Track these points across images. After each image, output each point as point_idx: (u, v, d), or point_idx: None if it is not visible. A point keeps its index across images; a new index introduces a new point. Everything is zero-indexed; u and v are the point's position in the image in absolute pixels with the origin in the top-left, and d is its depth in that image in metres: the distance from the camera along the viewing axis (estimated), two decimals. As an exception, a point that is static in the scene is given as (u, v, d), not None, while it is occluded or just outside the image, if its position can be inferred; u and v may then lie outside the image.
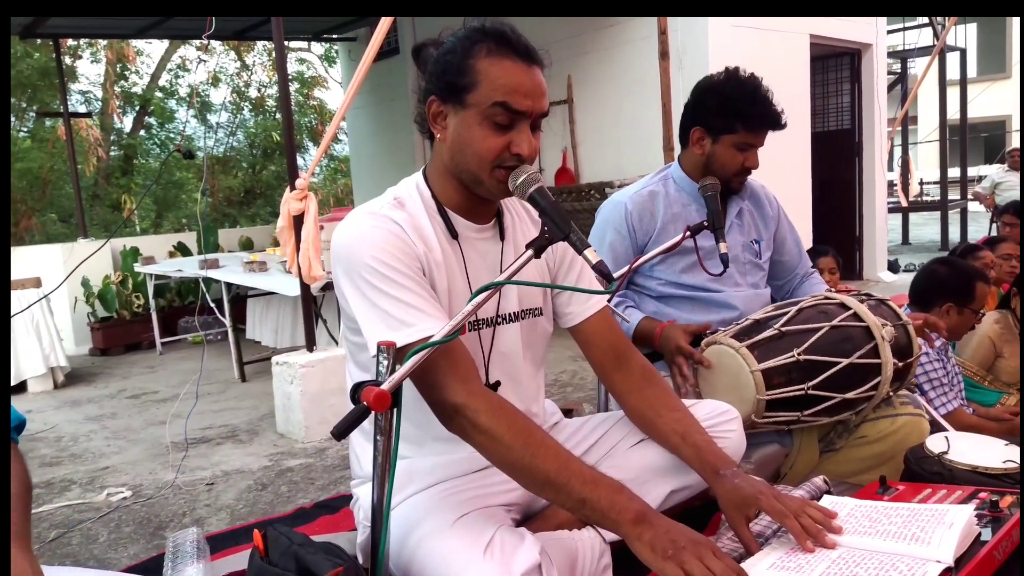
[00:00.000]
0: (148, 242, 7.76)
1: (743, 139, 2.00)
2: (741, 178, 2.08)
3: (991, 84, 16.09)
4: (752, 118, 1.98)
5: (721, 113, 2.01)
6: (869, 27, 7.12)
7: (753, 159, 2.04)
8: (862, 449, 1.93)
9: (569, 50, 6.34)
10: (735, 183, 2.08)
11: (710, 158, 2.06)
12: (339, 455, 3.33)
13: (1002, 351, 2.82)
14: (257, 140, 16.64)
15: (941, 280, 2.54)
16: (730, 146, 2.02)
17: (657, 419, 1.51)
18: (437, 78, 1.34)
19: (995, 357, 2.83)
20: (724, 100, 2.01)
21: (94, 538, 2.64)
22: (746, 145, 2.02)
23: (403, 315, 1.26)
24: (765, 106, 1.98)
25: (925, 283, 2.57)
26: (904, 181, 8.65)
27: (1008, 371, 2.81)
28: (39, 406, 4.82)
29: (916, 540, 1.23)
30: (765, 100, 1.98)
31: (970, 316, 2.50)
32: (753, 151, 2.04)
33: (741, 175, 2.07)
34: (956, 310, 2.48)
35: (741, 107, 1.98)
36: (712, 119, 2.03)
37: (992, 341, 2.82)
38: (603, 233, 2.14)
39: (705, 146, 2.06)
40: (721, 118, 2.01)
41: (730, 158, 2.03)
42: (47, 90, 12.90)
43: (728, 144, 2.02)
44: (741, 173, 2.06)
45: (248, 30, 7.76)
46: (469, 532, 1.26)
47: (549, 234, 1.24)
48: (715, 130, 2.03)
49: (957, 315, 2.49)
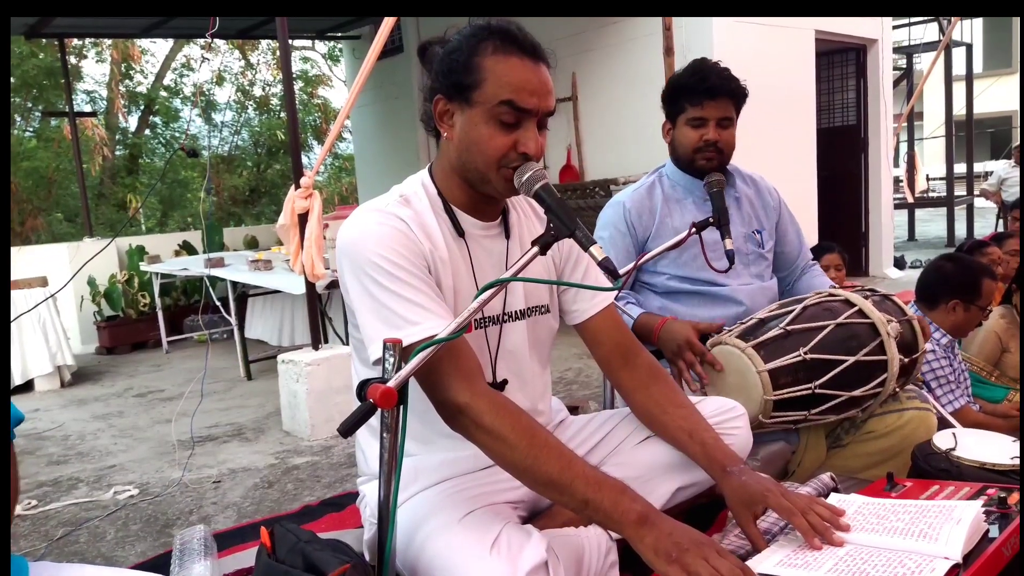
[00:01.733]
0: (154, 241, 7.78)
1: (692, 113, 2.06)
2: (705, 155, 2.07)
3: (997, 79, 16.02)
4: (692, 91, 2.04)
5: (670, 98, 2.11)
6: (874, 23, 7.09)
7: (711, 133, 2.05)
8: (869, 444, 1.92)
9: (573, 47, 6.32)
10: (699, 161, 2.08)
11: (674, 144, 2.14)
12: (345, 453, 3.34)
13: (1008, 346, 2.81)
14: (262, 139, 16.67)
15: (947, 277, 2.52)
16: (684, 125, 2.09)
17: (663, 416, 1.51)
18: (443, 77, 1.33)
19: (1001, 352, 2.82)
20: (671, 85, 2.12)
21: (101, 536, 2.65)
22: (698, 120, 2.05)
23: (408, 313, 1.26)
24: (703, 76, 2.03)
25: (932, 280, 2.56)
26: (910, 177, 8.63)
27: (1014, 366, 2.80)
28: (46, 405, 4.84)
29: (924, 537, 1.23)
30: (705, 71, 2.03)
31: (976, 313, 2.49)
32: (709, 124, 2.05)
33: (703, 151, 2.07)
34: (963, 307, 2.47)
35: (683, 84, 2.06)
36: (668, 106, 2.13)
37: (998, 336, 2.81)
38: (604, 233, 2.17)
39: (671, 135, 2.14)
40: (670, 103, 2.11)
41: (685, 136, 2.09)
42: (52, 90, 12.94)
43: (682, 124, 2.09)
44: (702, 149, 2.07)
45: (252, 29, 7.77)
46: (476, 529, 1.26)
47: (555, 231, 1.23)
48: (671, 115, 2.12)
49: (964, 312, 2.48)
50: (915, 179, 8.82)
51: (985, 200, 9.89)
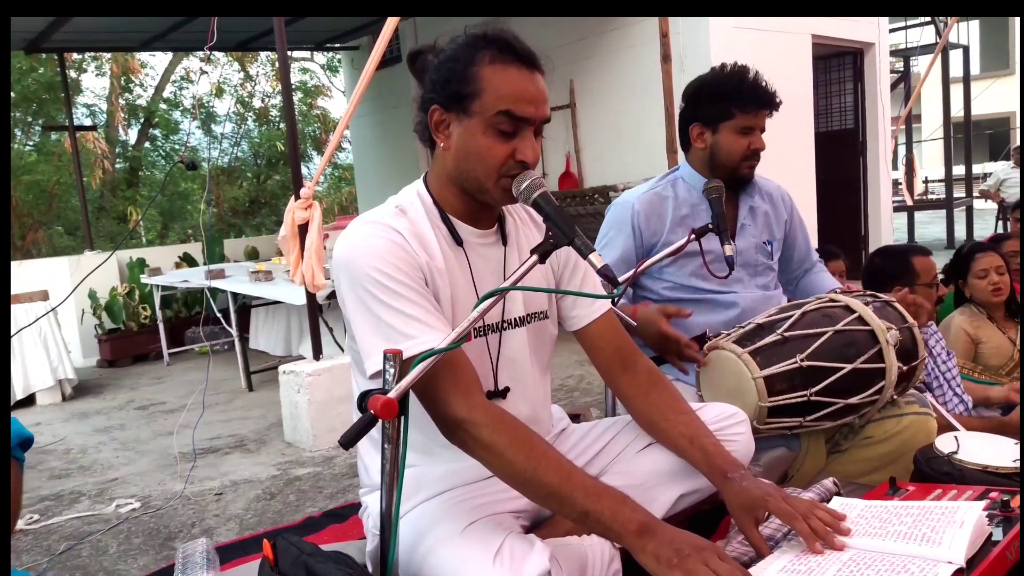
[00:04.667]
0: (154, 253, 7.80)
1: (741, 122, 2.01)
2: (751, 163, 2.06)
3: (994, 81, 16.07)
4: (745, 98, 2.00)
5: (714, 101, 2.03)
6: (871, 26, 7.11)
7: (758, 140, 2.04)
8: (869, 449, 1.92)
9: (571, 55, 6.35)
10: (744, 169, 2.06)
11: (713, 149, 2.06)
12: (347, 463, 3.34)
13: (979, 337, 2.83)
14: (261, 150, 16.71)
15: (880, 270, 2.57)
16: (730, 132, 2.02)
17: (664, 423, 1.50)
18: (440, 86, 1.33)
19: (976, 345, 2.83)
20: (715, 89, 2.04)
21: (104, 550, 2.64)
22: (747, 128, 2.02)
23: (405, 327, 1.26)
24: (756, 86, 2.00)
25: (868, 278, 2.60)
26: (909, 179, 8.63)
27: (994, 352, 2.81)
28: (48, 418, 4.84)
29: (927, 541, 1.22)
30: (755, 81, 2.00)
31: (924, 291, 2.49)
32: (756, 133, 2.03)
33: (750, 159, 2.05)
34: (908, 291, 2.51)
35: (732, 90, 2.00)
36: (707, 110, 2.05)
37: (966, 332, 2.83)
38: (609, 233, 2.14)
39: (706, 139, 2.06)
40: (715, 106, 2.03)
41: (733, 143, 2.03)
42: (52, 104, 12.98)
43: (728, 130, 2.03)
44: (749, 157, 2.05)
45: (251, 41, 7.81)
46: (479, 540, 1.26)
47: (554, 239, 1.24)
48: (712, 120, 2.04)
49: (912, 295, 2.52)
50: (914, 181, 8.82)
51: (984, 201, 9.90)
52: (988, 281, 2.80)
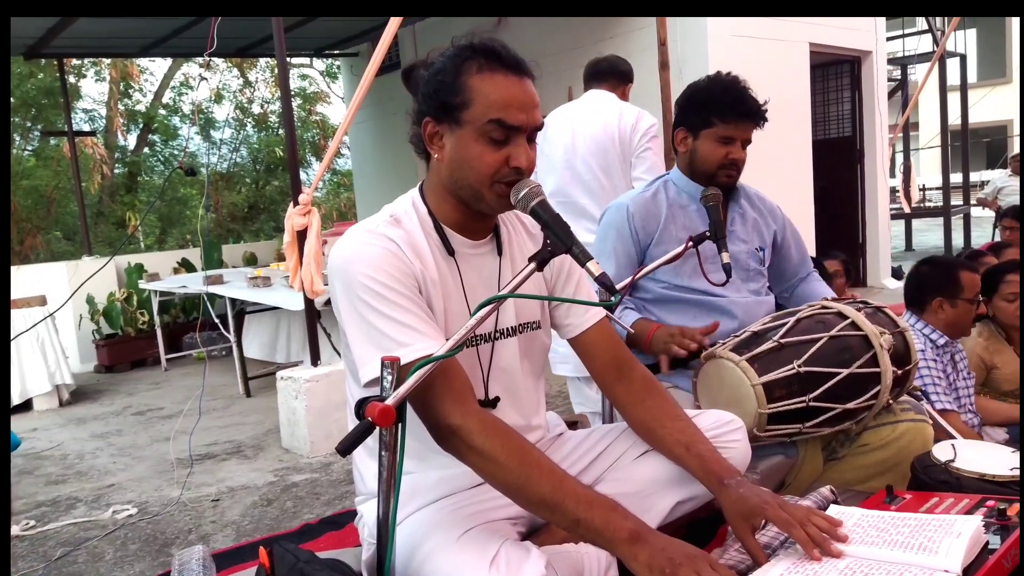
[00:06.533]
0: (152, 259, 7.80)
1: (721, 131, 2.04)
2: (728, 172, 2.08)
3: (992, 89, 16.09)
4: (726, 109, 2.02)
5: (697, 109, 2.07)
6: (868, 34, 7.14)
7: (737, 151, 2.06)
8: (865, 457, 1.92)
9: (569, 61, 6.32)
10: (721, 177, 2.08)
11: (693, 155, 2.10)
12: (344, 470, 3.33)
13: (993, 363, 2.78)
14: (260, 156, 16.72)
15: (926, 278, 2.57)
16: (710, 140, 2.06)
17: (660, 430, 1.51)
18: (430, 99, 1.35)
19: (988, 370, 2.79)
20: (701, 97, 2.07)
21: (100, 556, 2.64)
22: (726, 138, 2.04)
23: (399, 335, 1.26)
24: (740, 97, 2.02)
25: (913, 285, 2.62)
26: (906, 187, 8.64)
27: (1005, 379, 2.78)
28: (45, 424, 4.83)
29: (924, 550, 1.23)
30: (740, 92, 2.02)
31: (965, 306, 2.49)
32: (736, 144, 2.05)
33: (727, 168, 2.08)
34: (948, 304, 2.50)
35: (715, 100, 2.04)
36: (691, 116, 2.09)
37: (980, 357, 2.78)
38: (606, 236, 2.17)
39: (688, 144, 2.11)
40: (697, 114, 2.07)
41: (710, 151, 2.06)
42: (51, 109, 12.99)
43: (708, 138, 2.06)
44: (726, 167, 2.07)
45: (250, 47, 7.81)
46: (474, 547, 1.26)
47: (552, 247, 1.24)
48: (694, 126, 2.08)
49: (951, 308, 2.50)
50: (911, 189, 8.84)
51: (982, 209, 9.91)
52: (1016, 306, 2.72)
